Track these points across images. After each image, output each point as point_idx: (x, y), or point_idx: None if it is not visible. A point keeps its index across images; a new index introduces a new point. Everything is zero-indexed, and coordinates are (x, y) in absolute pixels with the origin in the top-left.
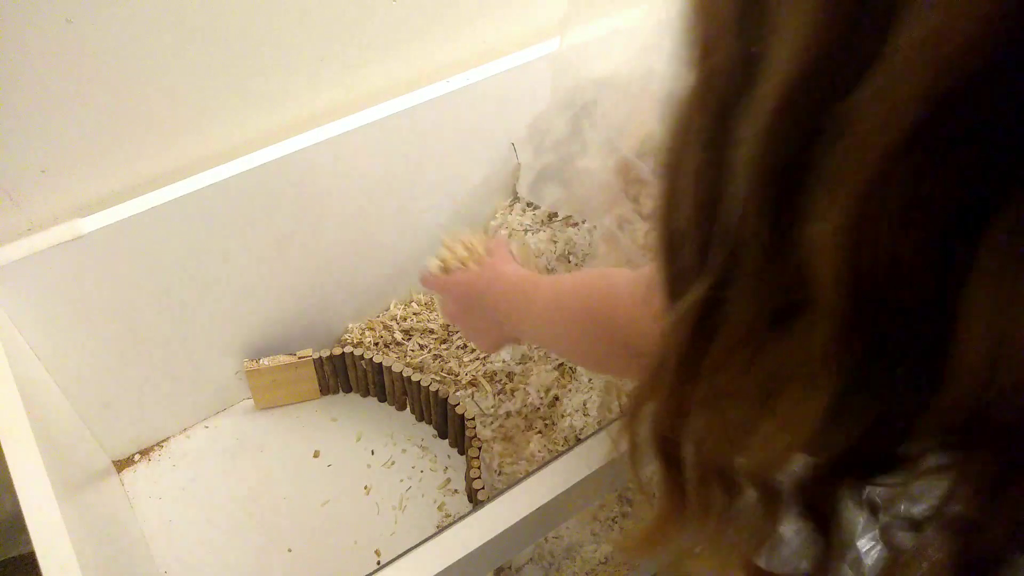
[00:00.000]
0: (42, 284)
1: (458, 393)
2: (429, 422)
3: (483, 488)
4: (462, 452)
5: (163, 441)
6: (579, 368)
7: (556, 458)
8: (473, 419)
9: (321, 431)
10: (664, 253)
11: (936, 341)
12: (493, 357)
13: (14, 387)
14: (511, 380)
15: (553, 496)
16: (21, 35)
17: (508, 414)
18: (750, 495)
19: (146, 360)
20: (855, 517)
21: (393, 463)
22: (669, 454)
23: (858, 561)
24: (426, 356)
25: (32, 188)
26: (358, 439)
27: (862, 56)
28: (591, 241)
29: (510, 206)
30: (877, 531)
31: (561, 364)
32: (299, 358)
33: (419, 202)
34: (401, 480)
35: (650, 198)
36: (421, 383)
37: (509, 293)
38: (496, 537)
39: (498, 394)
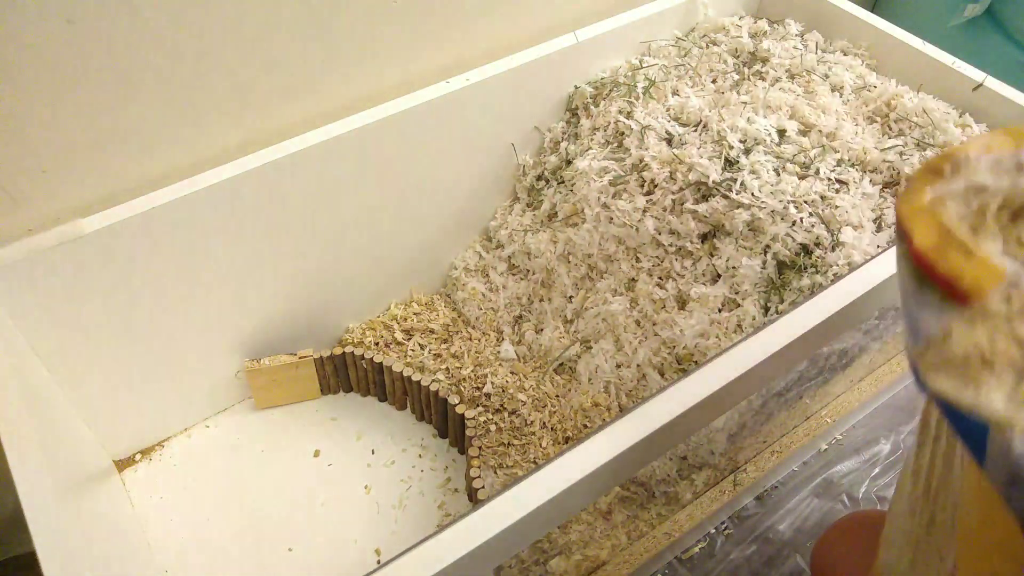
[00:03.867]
0: (43, 284)
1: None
2: (429, 422)
3: (483, 488)
4: (462, 451)
5: (164, 441)
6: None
7: (556, 458)
8: (473, 418)
9: (321, 431)
10: None
11: None
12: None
13: (15, 386)
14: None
15: (553, 496)
16: (21, 35)
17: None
18: None
19: (147, 360)
20: None
21: (393, 462)
22: None
23: None
24: (426, 356)
25: (33, 188)
26: (358, 439)
27: None
28: (591, 241)
29: (510, 206)
30: None
31: (562, 364)
32: (299, 358)
33: (419, 202)
34: (401, 479)
35: None
36: (421, 383)
37: None
38: (496, 537)
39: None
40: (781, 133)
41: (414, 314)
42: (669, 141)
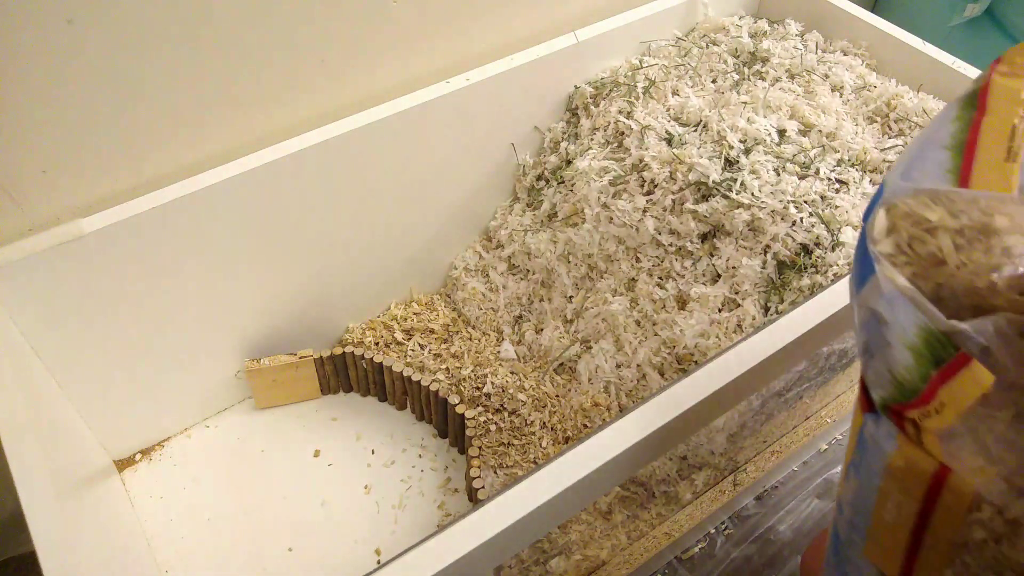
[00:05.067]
0: (43, 284)
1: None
2: (429, 421)
3: (483, 488)
4: (462, 451)
5: (164, 441)
6: (578, 368)
7: (556, 457)
8: (473, 418)
9: (321, 431)
10: None
11: None
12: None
13: (15, 386)
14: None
15: (553, 496)
16: (21, 35)
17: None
18: None
19: (147, 360)
20: None
21: (393, 462)
22: None
23: None
24: (426, 356)
25: (33, 188)
26: (358, 439)
27: None
28: (591, 241)
29: (510, 206)
30: None
31: (562, 364)
32: (300, 358)
33: (419, 202)
34: (401, 479)
35: None
36: (421, 383)
37: None
38: (496, 537)
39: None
40: (781, 133)
41: (414, 314)
42: (669, 141)
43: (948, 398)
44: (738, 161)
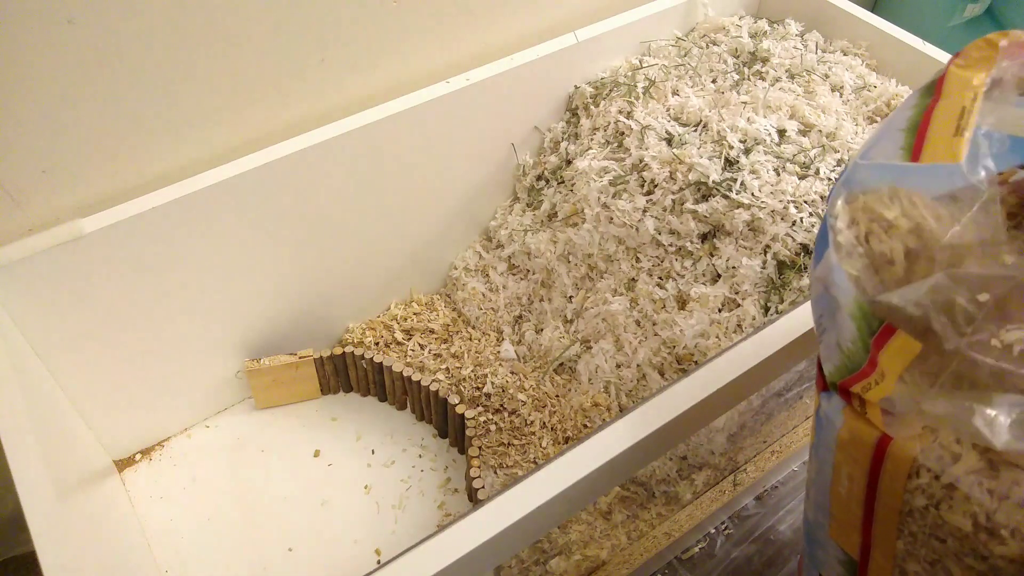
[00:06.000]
0: (43, 284)
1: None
2: (429, 421)
3: (483, 488)
4: (462, 451)
5: (164, 441)
6: (578, 368)
7: (556, 457)
8: (473, 418)
9: (321, 431)
10: None
11: None
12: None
13: (15, 386)
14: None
15: (553, 496)
16: (22, 35)
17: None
18: None
19: (147, 360)
20: None
21: (393, 462)
22: None
23: None
24: (426, 356)
25: (33, 188)
26: (358, 439)
27: None
28: (591, 241)
29: (510, 206)
30: None
31: (562, 364)
32: (300, 358)
33: (419, 202)
34: (401, 479)
35: None
36: (421, 383)
37: None
38: (496, 537)
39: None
40: (781, 133)
41: (414, 314)
42: (669, 141)
43: (887, 364)
44: (738, 161)
